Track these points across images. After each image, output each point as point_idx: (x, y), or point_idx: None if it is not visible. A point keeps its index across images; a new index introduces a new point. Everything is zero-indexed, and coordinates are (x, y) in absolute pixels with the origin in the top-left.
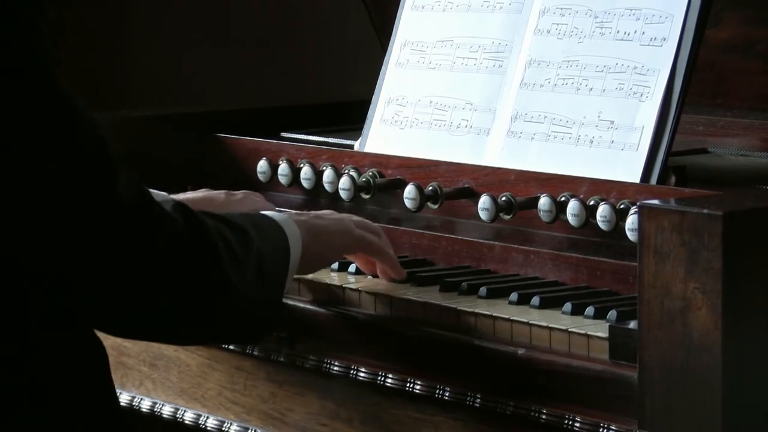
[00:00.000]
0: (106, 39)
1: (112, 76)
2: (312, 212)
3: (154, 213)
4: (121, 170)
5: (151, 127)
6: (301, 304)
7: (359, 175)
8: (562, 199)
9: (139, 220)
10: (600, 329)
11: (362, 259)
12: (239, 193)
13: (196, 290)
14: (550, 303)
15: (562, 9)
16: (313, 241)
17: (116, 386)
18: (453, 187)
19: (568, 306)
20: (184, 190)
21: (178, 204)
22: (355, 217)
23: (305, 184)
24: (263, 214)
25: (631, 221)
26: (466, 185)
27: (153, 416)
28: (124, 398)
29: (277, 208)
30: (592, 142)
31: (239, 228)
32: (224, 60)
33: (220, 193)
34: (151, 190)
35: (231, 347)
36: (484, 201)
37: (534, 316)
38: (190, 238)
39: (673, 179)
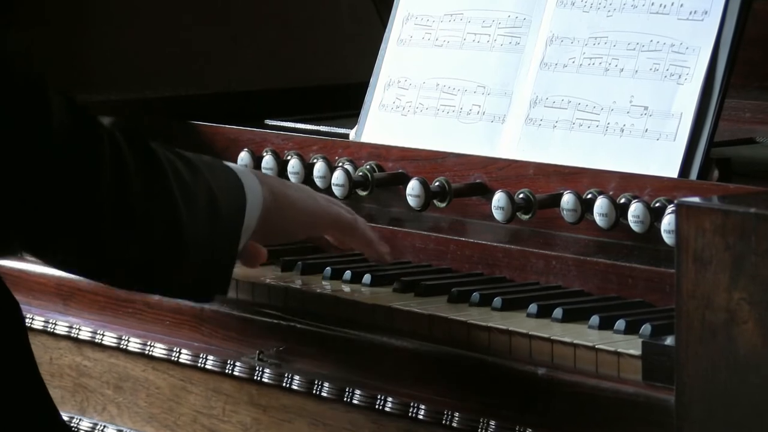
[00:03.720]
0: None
1: (73, 56)
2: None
3: (92, 139)
4: (54, 98)
5: (116, 113)
6: (289, 317)
7: (355, 168)
8: (589, 196)
9: (76, 149)
10: (632, 346)
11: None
12: None
13: (143, 221)
14: (574, 316)
15: None
16: (274, 205)
17: (76, 412)
18: (463, 182)
19: (595, 319)
20: None
21: (120, 127)
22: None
23: (293, 178)
24: (224, 164)
25: (667, 222)
26: (477, 180)
27: None
28: (85, 425)
29: None
30: (623, 130)
31: (192, 165)
32: (200, 37)
33: None
34: None
35: (208, 366)
36: (498, 198)
37: (556, 330)
38: (137, 164)
39: (715, 173)
